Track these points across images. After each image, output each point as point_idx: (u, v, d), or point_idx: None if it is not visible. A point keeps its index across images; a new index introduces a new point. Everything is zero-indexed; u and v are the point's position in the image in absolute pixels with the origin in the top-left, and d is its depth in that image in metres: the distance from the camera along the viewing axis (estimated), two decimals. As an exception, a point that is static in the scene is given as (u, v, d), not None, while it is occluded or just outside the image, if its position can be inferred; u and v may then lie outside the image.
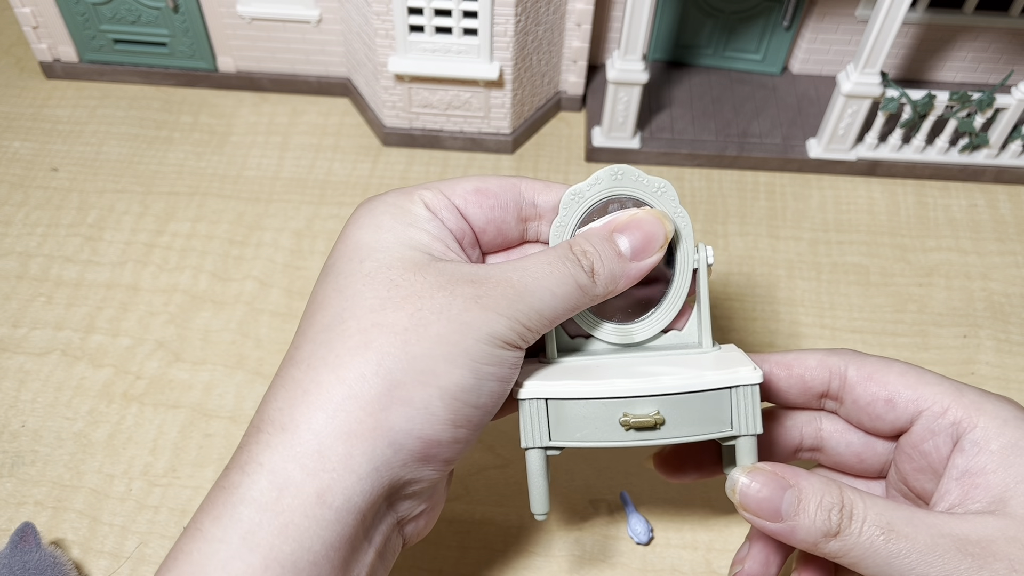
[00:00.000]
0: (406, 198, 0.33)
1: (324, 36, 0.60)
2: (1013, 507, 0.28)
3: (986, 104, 0.54)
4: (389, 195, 0.33)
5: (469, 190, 0.33)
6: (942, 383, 0.32)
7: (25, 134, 0.61)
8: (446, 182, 0.34)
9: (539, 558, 0.42)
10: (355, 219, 0.33)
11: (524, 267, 0.31)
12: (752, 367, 0.32)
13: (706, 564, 0.41)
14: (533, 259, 0.31)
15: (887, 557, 0.28)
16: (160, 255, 0.54)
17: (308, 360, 0.29)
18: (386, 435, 0.28)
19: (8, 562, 0.37)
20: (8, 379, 0.48)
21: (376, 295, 0.29)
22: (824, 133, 0.57)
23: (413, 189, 0.33)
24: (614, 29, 0.61)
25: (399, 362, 0.28)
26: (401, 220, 0.32)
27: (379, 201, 0.33)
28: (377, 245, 0.31)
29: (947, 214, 0.57)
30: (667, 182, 0.34)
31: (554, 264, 0.31)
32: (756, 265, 0.54)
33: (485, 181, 0.34)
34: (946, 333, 0.51)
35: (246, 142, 0.60)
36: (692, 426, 0.32)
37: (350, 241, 0.32)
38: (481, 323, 0.29)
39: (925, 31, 0.61)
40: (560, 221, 0.34)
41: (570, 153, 0.60)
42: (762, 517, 0.30)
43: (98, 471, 0.44)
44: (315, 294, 0.32)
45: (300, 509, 0.27)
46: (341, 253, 0.32)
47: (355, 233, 0.32)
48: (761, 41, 0.62)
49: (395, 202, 0.32)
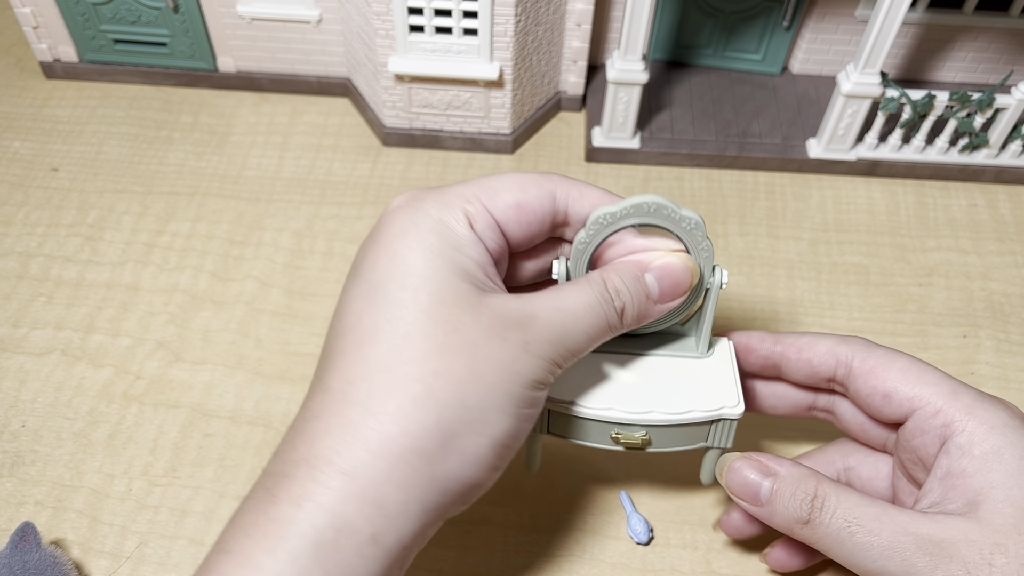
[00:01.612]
0: (450, 213, 0.32)
1: (324, 36, 0.60)
2: (983, 511, 0.30)
3: (986, 104, 0.54)
4: (430, 205, 0.32)
5: (510, 204, 0.33)
6: (941, 383, 0.33)
7: (25, 134, 0.61)
8: (485, 188, 0.33)
9: (539, 558, 0.42)
10: (398, 231, 0.31)
11: (564, 308, 0.31)
12: (736, 400, 0.36)
13: (706, 564, 0.41)
14: (571, 297, 0.32)
15: (852, 548, 0.30)
16: (160, 255, 0.54)
17: (366, 403, 0.29)
18: (440, 484, 0.29)
19: (8, 562, 0.37)
20: (8, 379, 0.48)
21: (434, 338, 0.29)
22: (824, 133, 0.57)
23: (453, 196, 0.32)
24: (614, 29, 0.62)
25: (456, 413, 0.29)
26: (449, 242, 0.31)
27: (423, 215, 0.31)
28: (428, 273, 0.30)
29: (947, 214, 0.57)
30: (699, 218, 0.33)
31: (592, 306, 0.32)
32: (756, 265, 0.54)
33: (524, 190, 0.33)
34: (946, 333, 0.51)
35: (246, 142, 0.60)
36: (674, 443, 0.37)
37: (399, 260, 0.30)
38: (528, 371, 0.30)
39: (925, 31, 0.61)
40: (584, 238, 0.34)
41: (570, 153, 0.60)
42: (744, 500, 0.34)
43: (98, 471, 0.44)
44: (360, 313, 0.30)
45: (355, 549, 0.28)
46: (389, 273, 0.30)
47: (403, 252, 0.30)
48: (761, 41, 0.62)
49: (440, 217, 0.31)
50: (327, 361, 0.31)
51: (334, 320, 0.32)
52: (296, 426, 0.31)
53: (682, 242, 0.34)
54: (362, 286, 0.31)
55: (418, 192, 0.33)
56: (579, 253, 0.34)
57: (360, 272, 0.31)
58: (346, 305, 0.31)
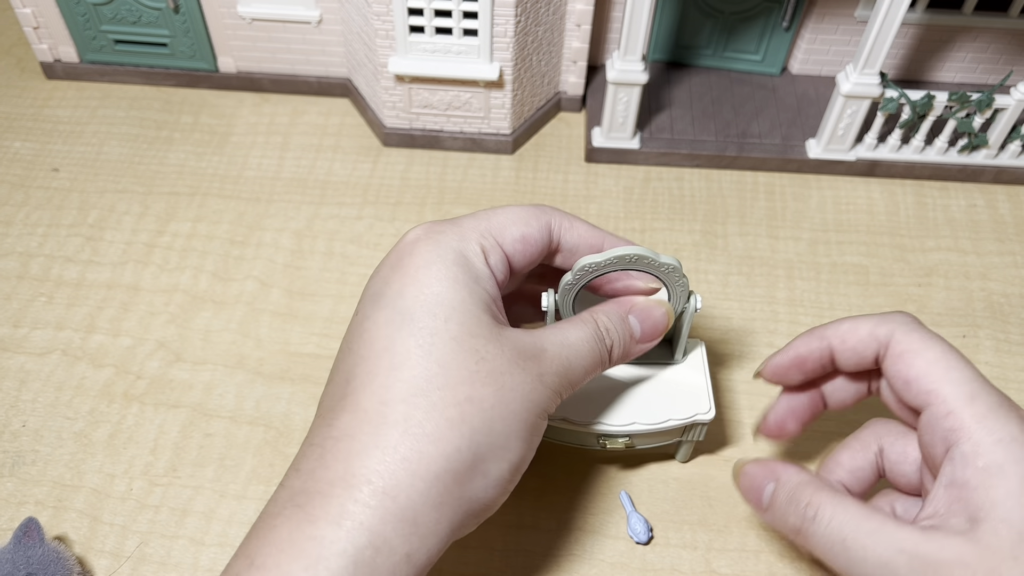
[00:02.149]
0: (469, 247, 0.34)
1: (324, 37, 0.60)
2: (981, 531, 0.29)
3: (985, 104, 0.54)
4: (451, 238, 0.34)
5: (517, 238, 0.35)
6: (963, 384, 0.32)
7: (26, 134, 0.61)
8: (495, 223, 0.35)
9: (539, 557, 0.42)
10: (423, 262, 0.33)
11: (568, 344, 0.34)
12: (708, 407, 0.40)
13: (706, 564, 0.41)
14: (573, 334, 0.35)
15: (846, 561, 0.30)
16: (161, 255, 0.54)
17: (404, 424, 0.30)
18: (466, 504, 0.31)
19: (12, 557, 0.37)
20: (9, 379, 0.48)
21: (466, 366, 0.31)
22: (823, 133, 0.57)
23: (469, 231, 0.34)
24: (614, 30, 0.62)
25: (486, 437, 0.31)
26: (471, 274, 0.33)
27: (446, 247, 0.33)
28: (456, 303, 0.32)
29: (946, 214, 0.57)
30: (676, 263, 0.36)
31: (590, 344, 0.35)
32: (755, 265, 0.54)
33: (528, 223, 0.36)
34: (945, 333, 0.51)
35: (246, 142, 0.61)
36: (653, 442, 0.42)
37: (428, 291, 0.32)
38: (543, 401, 0.33)
39: (924, 31, 0.61)
40: (571, 280, 0.37)
41: (570, 153, 0.60)
42: (751, 503, 0.35)
43: (99, 471, 0.44)
44: (391, 339, 0.31)
45: (390, 568, 0.29)
46: (418, 302, 0.32)
47: (431, 282, 0.32)
48: (761, 42, 0.62)
49: (462, 251, 0.33)
50: (356, 381, 0.31)
51: (356, 344, 0.32)
52: (323, 444, 0.31)
53: (661, 281, 0.38)
54: (389, 313, 0.32)
55: (435, 225, 0.34)
56: (565, 292, 0.37)
57: (385, 299, 0.33)
58: (372, 330, 0.32)
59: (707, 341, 0.49)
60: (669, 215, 0.57)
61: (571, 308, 0.39)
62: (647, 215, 0.57)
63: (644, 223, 0.56)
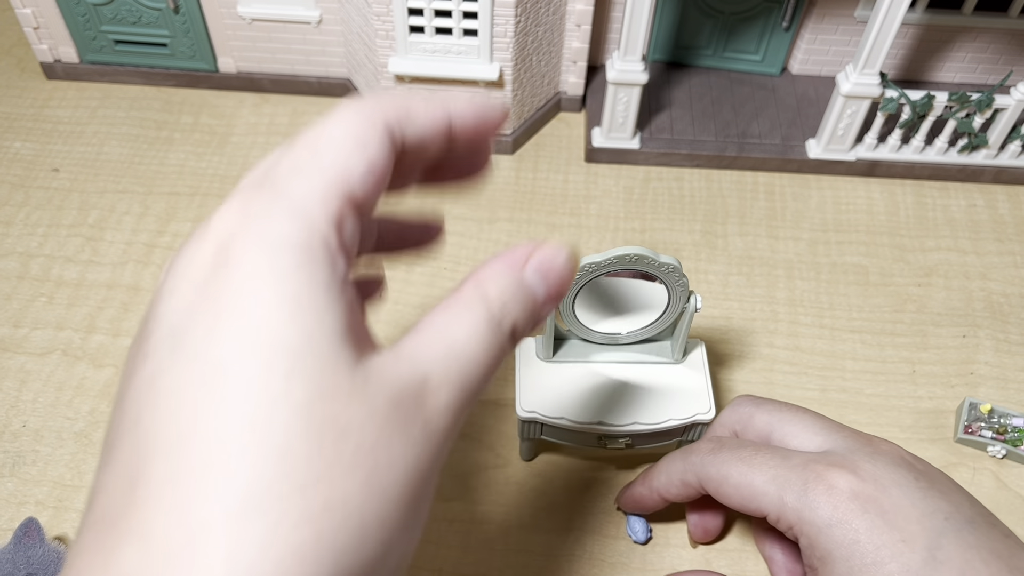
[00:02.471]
0: (312, 232, 0.21)
1: (324, 37, 0.60)
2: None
3: (985, 104, 0.54)
4: (282, 223, 0.21)
5: (363, 174, 0.23)
6: (768, 488, 0.34)
7: (26, 135, 0.61)
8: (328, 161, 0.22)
9: (539, 557, 0.42)
10: (245, 274, 0.20)
11: (458, 354, 0.23)
12: (708, 407, 0.40)
13: (705, 564, 0.41)
14: (461, 335, 0.23)
15: None
16: (161, 255, 0.54)
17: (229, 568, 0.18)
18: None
19: (12, 557, 0.37)
20: (9, 379, 0.48)
21: (319, 453, 0.19)
22: (823, 133, 0.57)
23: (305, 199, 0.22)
24: (614, 30, 0.62)
25: (359, 553, 0.20)
26: (320, 284, 0.21)
27: (278, 243, 0.21)
28: (301, 346, 0.20)
29: (946, 214, 0.57)
30: (676, 262, 0.36)
31: (485, 339, 0.23)
32: (755, 265, 0.54)
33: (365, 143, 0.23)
34: (945, 333, 0.51)
35: (247, 143, 0.61)
36: (653, 443, 0.41)
37: (254, 325, 0.20)
38: (434, 459, 0.22)
39: (924, 32, 0.61)
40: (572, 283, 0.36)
41: (570, 154, 0.60)
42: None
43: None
44: (201, 411, 0.19)
45: None
46: (241, 348, 0.20)
47: (259, 312, 0.20)
48: (760, 42, 0.62)
49: (301, 242, 0.21)
50: (148, 486, 0.19)
51: (145, 414, 0.20)
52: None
53: (662, 282, 0.38)
54: (199, 367, 0.20)
55: (250, 200, 0.22)
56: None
57: (189, 342, 0.20)
58: (171, 395, 0.20)
59: (707, 341, 0.49)
60: (669, 215, 0.57)
61: (572, 310, 0.39)
62: (647, 215, 0.57)
63: (644, 223, 0.56)
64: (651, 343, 0.42)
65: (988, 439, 0.45)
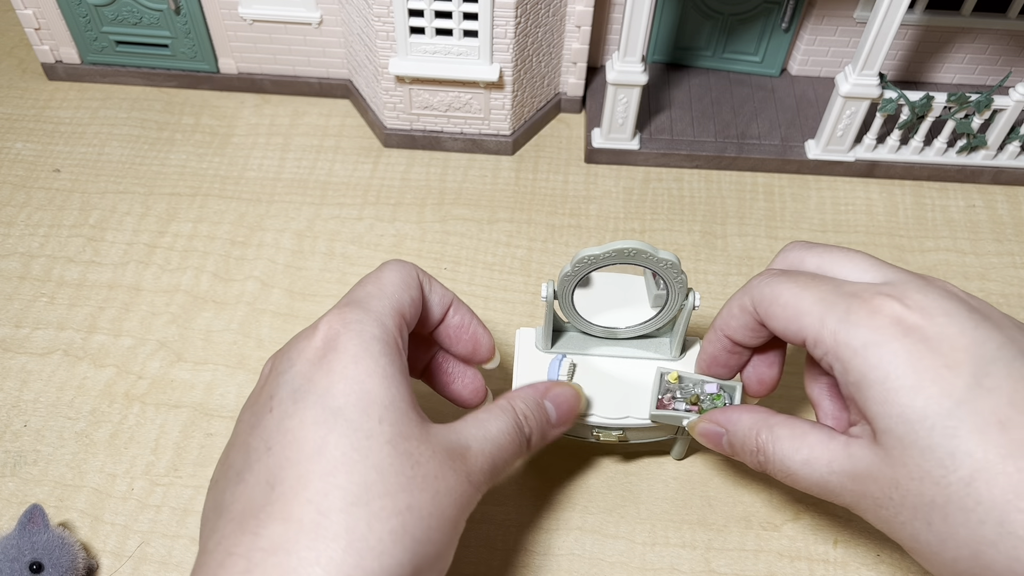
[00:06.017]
0: (387, 333, 0.32)
1: (325, 38, 0.60)
2: (880, 441, 0.30)
3: (984, 105, 0.54)
4: (371, 326, 0.32)
5: (409, 304, 0.34)
6: (814, 308, 0.33)
7: (27, 135, 0.61)
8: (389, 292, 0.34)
9: (539, 557, 0.42)
10: (351, 356, 0.31)
11: (491, 438, 0.33)
12: None
13: (705, 563, 0.42)
14: (494, 426, 0.34)
15: (802, 485, 0.34)
16: (162, 256, 0.54)
17: (347, 538, 0.28)
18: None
19: (17, 542, 0.38)
20: (10, 379, 0.48)
21: (403, 472, 0.29)
22: (822, 134, 0.57)
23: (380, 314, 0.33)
24: (614, 31, 0.62)
25: (425, 548, 0.29)
26: (398, 367, 0.31)
27: (369, 338, 0.31)
28: (387, 401, 0.30)
29: (945, 215, 0.57)
30: (674, 258, 0.36)
31: (511, 435, 0.34)
32: (755, 266, 0.54)
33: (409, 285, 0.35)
34: (944, 333, 0.51)
35: (247, 143, 0.61)
36: (647, 437, 0.42)
37: (359, 387, 0.30)
38: (470, 501, 0.32)
39: (923, 33, 0.61)
40: (570, 271, 0.37)
41: (570, 154, 0.61)
42: (712, 447, 0.38)
43: (100, 470, 0.44)
44: (323, 441, 0.29)
45: None
46: (349, 400, 0.30)
47: (362, 378, 0.30)
48: (760, 43, 0.62)
49: (385, 340, 0.32)
50: (284, 486, 0.29)
51: (277, 443, 0.30)
52: (249, 556, 0.28)
53: (659, 276, 0.38)
54: (318, 412, 0.30)
55: (346, 313, 0.32)
56: (565, 283, 0.38)
57: (311, 396, 0.30)
58: (298, 430, 0.30)
59: (706, 341, 0.49)
60: (669, 216, 0.57)
61: (570, 299, 0.39)
62: (647, 216, 0.57)
63: (644, 223, 0.56)
64: (649, 339, 0.42)
65: (682, 411, 0.40)
